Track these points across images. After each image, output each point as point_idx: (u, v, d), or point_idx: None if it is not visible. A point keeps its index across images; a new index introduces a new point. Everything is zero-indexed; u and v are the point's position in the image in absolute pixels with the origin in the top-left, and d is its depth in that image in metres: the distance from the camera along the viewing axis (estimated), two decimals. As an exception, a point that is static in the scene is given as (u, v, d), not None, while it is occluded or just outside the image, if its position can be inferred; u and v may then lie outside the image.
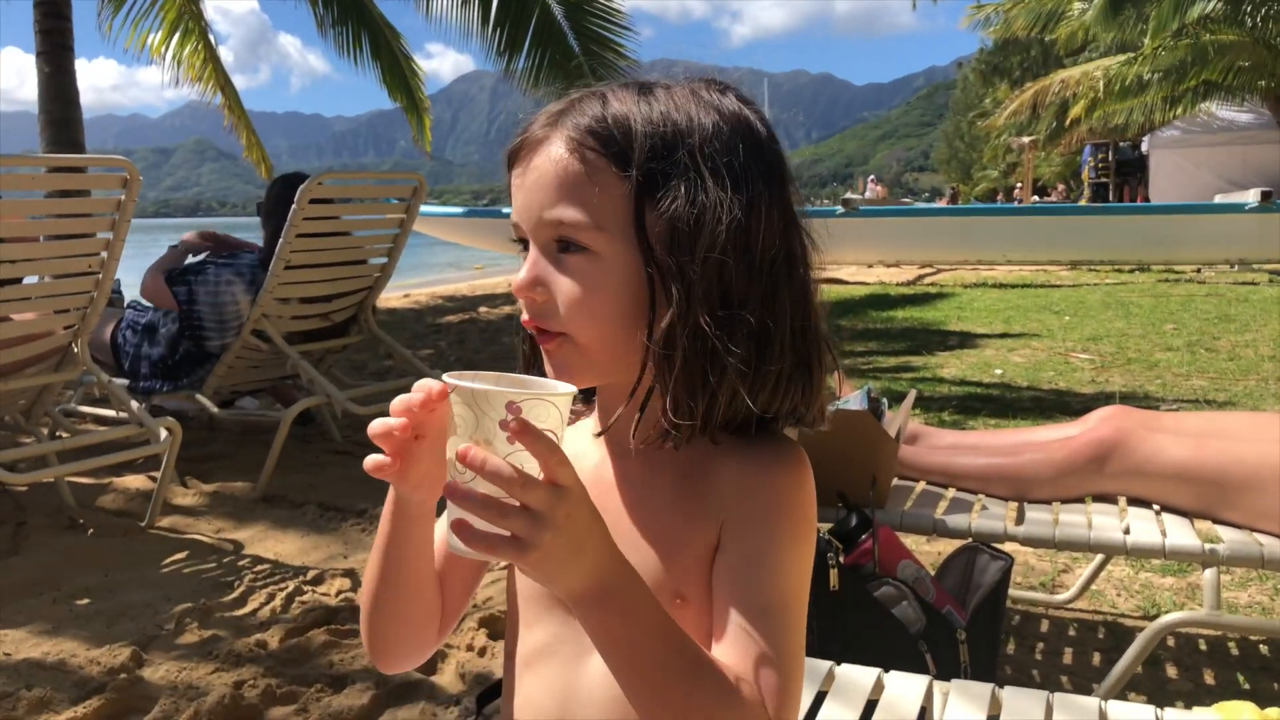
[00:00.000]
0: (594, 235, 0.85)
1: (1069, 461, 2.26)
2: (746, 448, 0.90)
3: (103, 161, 3.36)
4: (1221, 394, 5.20)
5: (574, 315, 0.86)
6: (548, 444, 0.71)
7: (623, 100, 0.88)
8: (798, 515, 0.88)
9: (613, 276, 0.86)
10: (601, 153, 0.85)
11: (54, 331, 3.40)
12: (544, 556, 0.71)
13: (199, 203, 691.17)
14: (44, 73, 7.48)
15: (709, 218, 0.83)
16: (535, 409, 0.72)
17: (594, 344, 0.87)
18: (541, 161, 0.87)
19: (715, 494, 0.89)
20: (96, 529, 3.43)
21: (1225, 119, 17.85)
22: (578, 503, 0.73)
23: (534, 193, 0.87)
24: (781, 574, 0.86)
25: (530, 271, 0.87)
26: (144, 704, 2.21)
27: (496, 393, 0.72)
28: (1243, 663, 2.38)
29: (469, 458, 0.70)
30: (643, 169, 0.84)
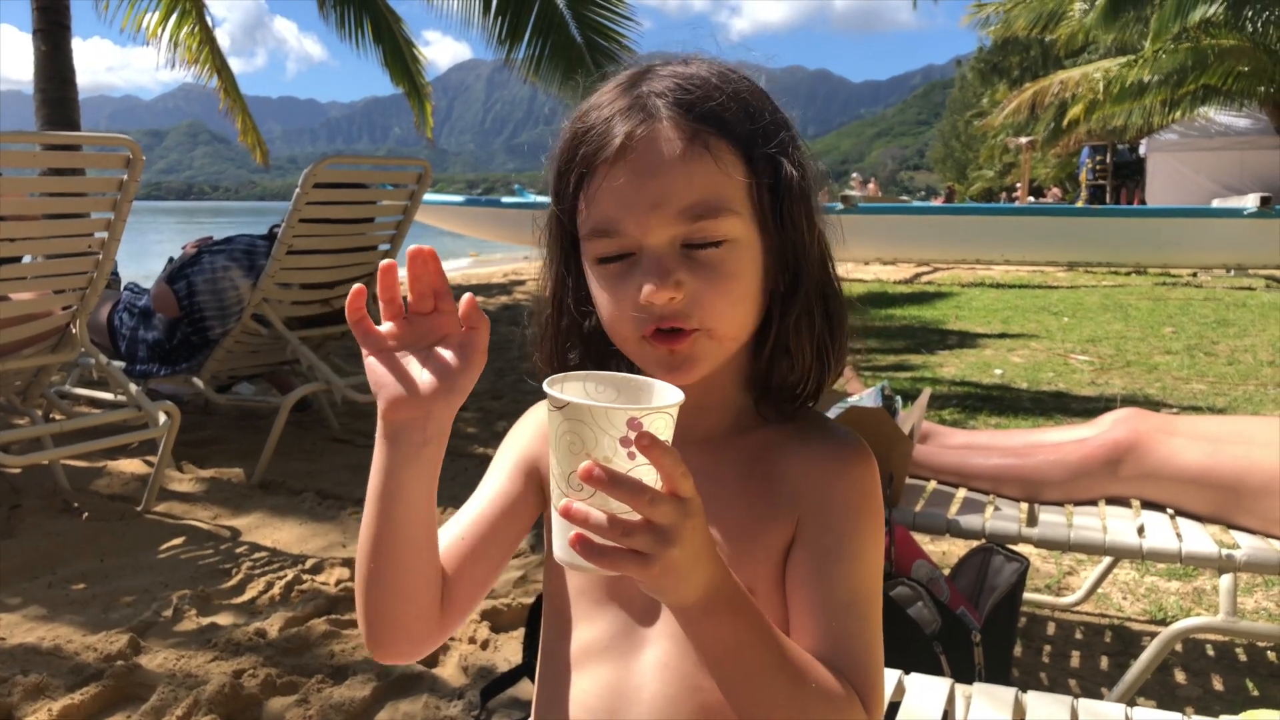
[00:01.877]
0: (730, 222, 0.84)
1: (1083, 463, 2.24)
2: (810, 438, 0.90)
3: (105, 140, 3.31)
4: (1221, 398, 5.20)
5: (714, 307, 0.85)
6: (673, 457, 0.69)
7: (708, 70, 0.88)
8: (874, 506, 0.89)
9: (748, 260, 0.86)
10: (719, 136, 0.85)
11: (52, 312, 3.36)
12: (666, 571, 0.70)
13: (191, 186, 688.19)
14: (40, 51, 7.41)
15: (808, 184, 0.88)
16: (655, 422, 0.70)
17: (731, 331, 0.87)
18: (664, 155, 0.84)
19: (787, 487, 0.88)
20: (92, 513, 3.39)
21: (1223, 124, 17.86)
22: (698, 514, 0.71)
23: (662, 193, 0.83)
24: (862, 565, 0.86)
25: (666, 273, 0.84)
26: (142, 692, 2.18)
27: (618, 410, 0.69)
28: (1251, 669, 2.36)
29: (594, 475, 0.67)
30: (753, 144, 0.86)
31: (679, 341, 0.85)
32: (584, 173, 0.87)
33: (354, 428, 4.60)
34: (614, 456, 0.69)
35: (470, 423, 4.73)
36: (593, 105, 0.88)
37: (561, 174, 0.89)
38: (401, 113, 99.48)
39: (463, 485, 3.69)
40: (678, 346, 0.85)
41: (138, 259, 13.49)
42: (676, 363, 0.86)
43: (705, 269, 0.84)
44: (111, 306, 4.35)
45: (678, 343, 0.85)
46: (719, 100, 0.85)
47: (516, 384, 5.61)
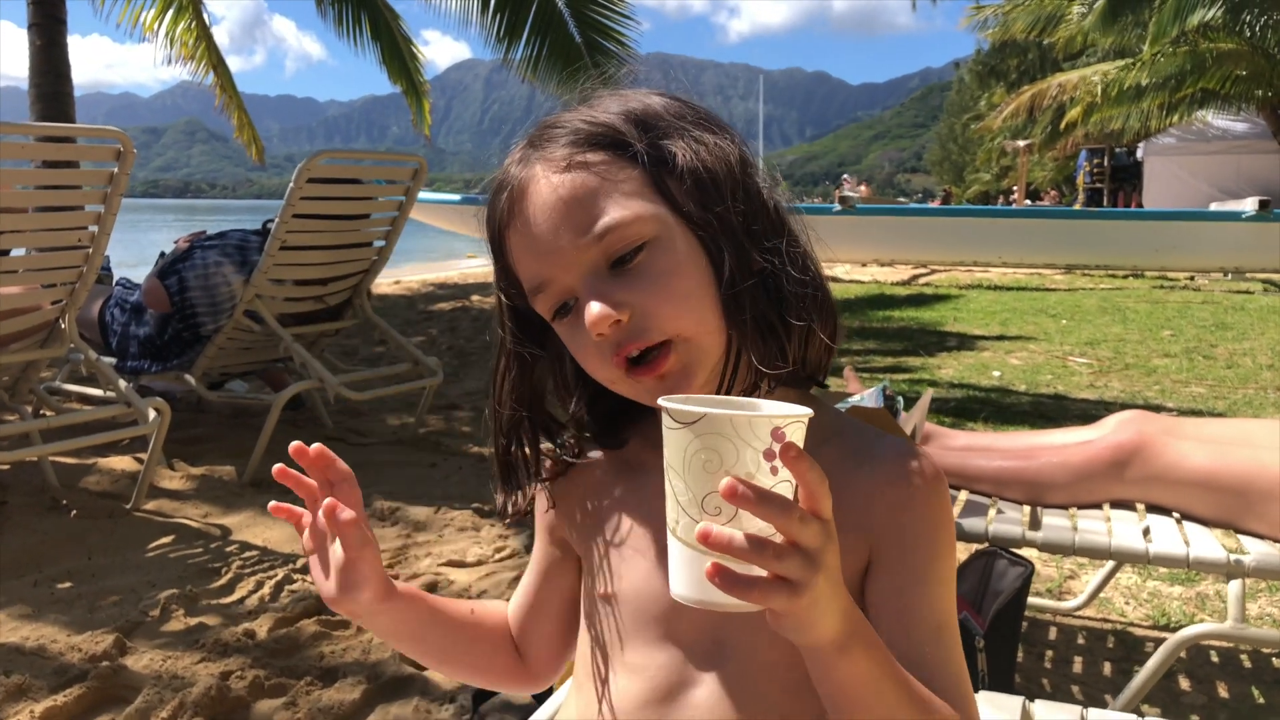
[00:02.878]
0: (640, 222, 0.80)
1: (1088, 466, 2.20)
2: (868, 456, 0.85)
3: (96, 133, 3.27)
4: (1220, 401, 5.16)
5: (667, 310, 0.80)
6: (818, 472, 0.63)
7: (575, 111, 0.86)
8: (948, 526, 0.85)
9: (679, 253, 0.81)
10: (599, 148, 0.82)
11: (41, 306, 3.31)
12: (814, 600, 0.64)
13: (188, 184, 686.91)
14: (35, 45, 7.35)
15: (715, 161, 0.83)
16: (797, 431, 0.64)
17: (698, 327, 0.81)
18: (540, 198, 0.82)
19: (859, 508, 0.83)
20: (80, 510, 3.34)
21: (1221, 128, 17.87)
22: (836, 538, 0.65)
23: (553, 228, 0.81)
24: (945, 589, 0.83)
25: (600, 297, 0.80)
26: (127, 694, 2.13)
27: (761, 419, 0.63)
28: (1256, 676, 2.33)
29: (739, 493, 0.60)
30: (644, 142, 0.82)
31: (661, 364, 0.81)
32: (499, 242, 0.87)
33: (347, 426, 4.56)
34: (756, 472, 0.63)
35: (465, 422, 4.69)
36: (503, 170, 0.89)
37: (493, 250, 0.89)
38: (399, 112, 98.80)
39: (457, 485, 3.67)
40: (662, 369, 0.81)
41: (134, 256, 13.43)
42: (670, 385, 0.81)
43: (639, 278, 0.80)
44: (103, 302, 4.30)
45: (660, 365, 0.81)
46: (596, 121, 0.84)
47: (512, 383, 5.56)
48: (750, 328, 0.81)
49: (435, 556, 2.96)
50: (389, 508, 3.38)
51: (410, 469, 3.90)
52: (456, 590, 2.70)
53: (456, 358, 6.40)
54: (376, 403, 4.81)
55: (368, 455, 4.09)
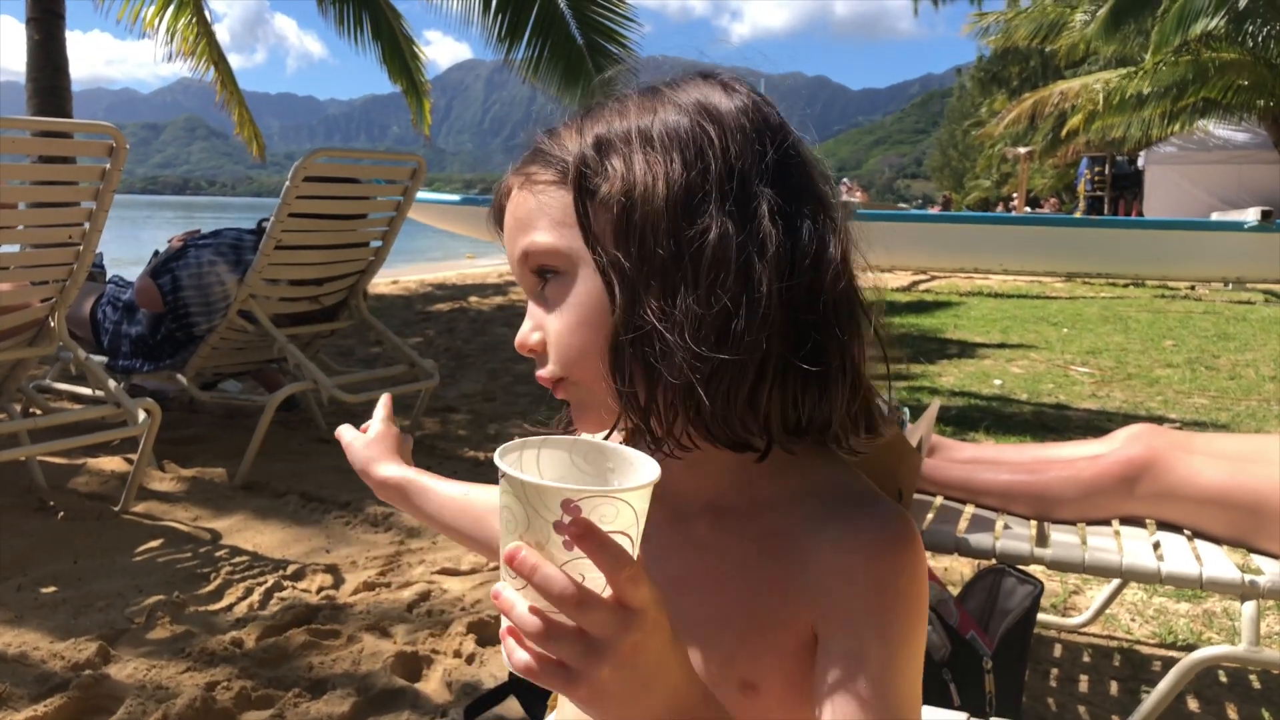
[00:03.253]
0: (556, 253, 0.76)
1: (1097, 481, 2.15)
2: (835, 518, 0.76)
3: (88, 128, 3.21)
4: (1224, 413, 5.12)
5: (557, 348, 0.78)
6: (616, 555, 0.58)
7: (567, 125, 0.81)
8: (910, 604, 0.73)
9: (579, 290, 0.75)
10: (543, 167, 0.78)
11: (30, 304, 3.25)
12: (598, 693, 0.59)
13: (187, 180, 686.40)
14: (34, 40, 7.31)
15: (643, 190, 0.72)
16: (601, 508, 0.58)
17: (584, 372, 0.75)
18: (510, 208, 0.82)
19: (805, 575, 0.74)
20: (67, 512, 3.28)
21: (1222, 137, 17.86)
22: (652, 630, 0.59)
23: (508, 240, 0.82)
24: (896, 673, 0.72)
25: (528, 318, 0.80)
26: (109, 704, 2.08)
27: (551, 489, 0.58)
28: (1266, 698, 2.27)
29: (517, 562, 0.58)
30: (577, 159, 0.75)
31: (557, 390, 0.80)
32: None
33: (342, 428, 4.50)
34: (547, 543, 0.59)
35: (462, 425, 4.63)
36: None
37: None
38: (400, 111, 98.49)
39: (451, 490, 3.60)
40: (558, 395, 0.80)
41: (131, 253, 13.36)
42: (574, 415, 0.81)
43: (549, 304, 0.79)
44: (95, 300, 4.24)
45: (557, 391, 0.80)
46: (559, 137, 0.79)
47: (510, 386, 5.52)
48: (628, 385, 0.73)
49: (429, 564, 2.91)
50: (382, 513, 3.32)
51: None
52: (450, 600, 2.64)
53: (454, 359, 6.35)
54: (371, 405, 4.75)
55: (362, 458, 4.03)
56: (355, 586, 2.74)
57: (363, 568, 2.90)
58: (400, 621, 2.51)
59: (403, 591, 2.70)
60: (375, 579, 2.78)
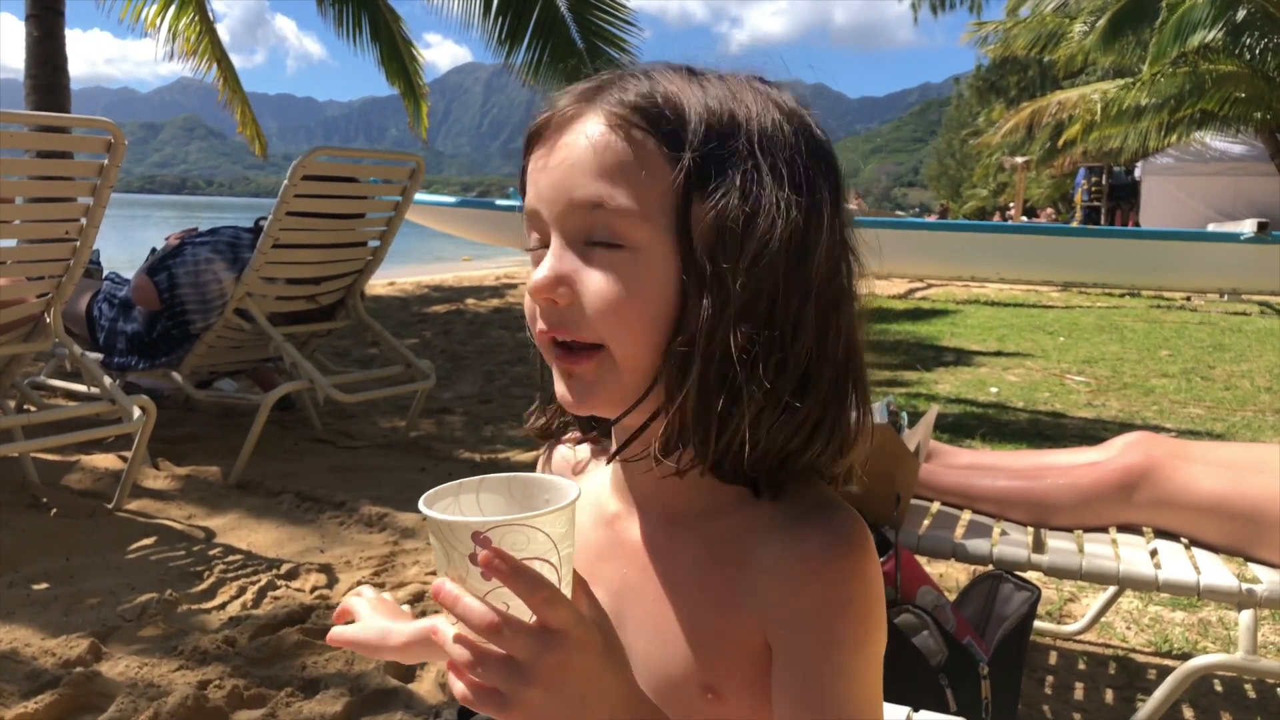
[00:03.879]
0: (637, 225, 0.71)
1: (1095, 488, 2.15)
2: (787, 524, 0.75)
3: (86, 123, 3.20)
4: (1219, 423, 5.12)
5: (606, 321, 0.71)
6: (530, 580, 0.59)
7: (671, 79, 0.74)
8: (858, 611, 0.72)
9: (651, 277, 0.71)
10: (649, 131, 0.72)
11: (26, 299, 3.24)
12: (532, 716, 0.60)
13: (185, 180, 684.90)
14: (33, 37, 7.30)
15: (763, 219, 0.70)
16: (510, 536, 0.60)
17: (629, 358, 0.72)
18: (574, 139, 0.73)
19: (752, 582, 0.74)
20: (60, 509, 3.27)
21: (1218, 149, 17.90)
22: (576, 648, 0.61)
23: (564, 173, 0.73)
24: (848, 681, 0.71)
25: (553, 266, 0.72)
26: (100, 701, 2.07)
27: (460, 524, 0.60)
28: (1262, 707, 2.27)
29: (440, 596, 0.60)
30: (697, 152, 0.71)
31: (577, 362, 0.73)
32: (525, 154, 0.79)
33: (337, 429, 4.49)
34: (467, 575, 0.61)
35: (457, 427, 4.62)
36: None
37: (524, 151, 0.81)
38: (398, 114, 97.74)
39: (447, 491, 3.59)
40: (575, 368, 0.74)
41: (127, 253, 13.34)
42: (574, 389, 0.75)
43: (601, 272, 0.72)
44: (91, 296, 4.23)
45: (576, 363, 0.73)
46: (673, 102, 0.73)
47: (506, 388, 5.51)
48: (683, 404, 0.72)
49: (423, 565, 2.90)
50: (377, 513, 3.31)
51: (400, 473, 3.83)
52: (444, 600, 2.63)
53: (450, 361, 6.34)
54: (367, 405, 4.74)
55: (357, 459, 4.02)
56: (349, 586, 2.73)
57: (357, 568, 2.88)
58: (394, 622, 2.49)
59: (397, 592, 2.69)
60: (369, 579, 2.77)
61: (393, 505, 3.39)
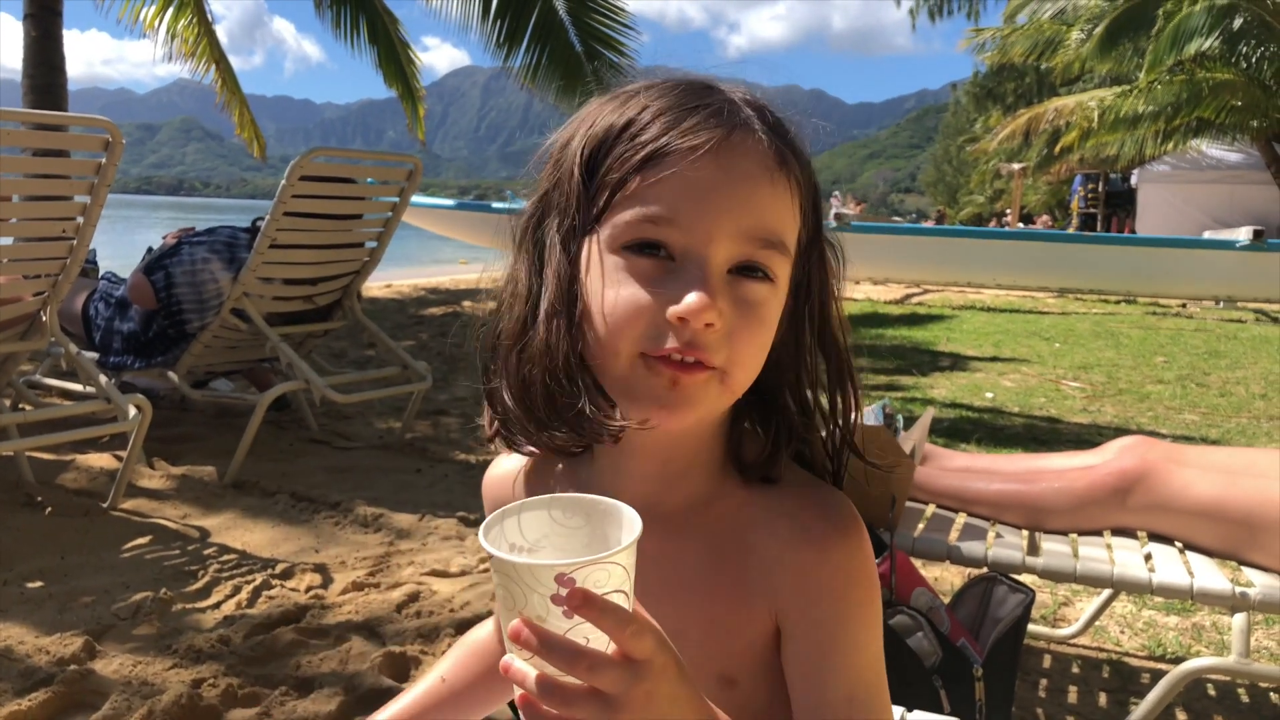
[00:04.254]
0: (786, 265, 0.77)
1: (1090, 492, 2.15)
2: (784, 512, 0.79)
3: (83, 121, 3.20)
4: (1214, 430, 5.13)
5: (743, 351, 0.74)
6: (617, 616, 0.60)
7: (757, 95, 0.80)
8: (862, 590, 0.78)
9: (778, 311, 0.78)
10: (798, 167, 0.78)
11: (22, 298, 3.23)
12: None
13: (182, 181, 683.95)
14: (30, 36, 7.29)
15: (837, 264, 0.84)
16: (594, 575, 0.60)
17: (744, 381, 0.76)
18: (754, 167, 0.74)
19: (761, 575, 0.78)
20: (55, 508, 3.26)
21: (1215, 157, 17.96)
22: (660, 675, 0.62)
23: (745, 207, 0.73)
24: (857, 655, 0.77)
25: (714, 292, 0.71)
26: (94, 699, 2.06)
27: (542, 567, 0.60)
28: (1255, 711, 2.28)
29: (521, 639, 0.60)
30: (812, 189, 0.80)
31: (691, 373, 0.72)
32: (653, 153, 0.73)
33: (333, 429, 4.49)
34: (548, 615, 0.60)
35: (453, 428, 4.62)
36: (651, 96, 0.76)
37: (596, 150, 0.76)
38: (396, 116, 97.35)
39: (443, 493, 3.60)
40: (686, 378, 0.73)
41: (123, 257, 13.32)
42: (674, 400, 0.73)
43: (746, 304, 0.73)
44: (87, 295, 4.23)
45: (687, 374, 0.72)
46: (795, 134, 0.79)
47: (501, 390, 5.50)
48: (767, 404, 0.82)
49: (418, 565, 2.89)
50: (372, 514, 3.31)
51: (395, 475, 3.83)
52: (439, 601, 2.63)
53: (446, 363, 6.33)
54: (363, 406, 4.74)
55: (352, 459, 4.02)
56: (344, 586, 2.73)
57: (352, 568, 2.88)
58: (388, 622, 2.49)
59: (391, 592, 2.68)
60: (364, 579, 2.77)
61: (388, 506, 3.39)
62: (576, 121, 0.80)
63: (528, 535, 0.68)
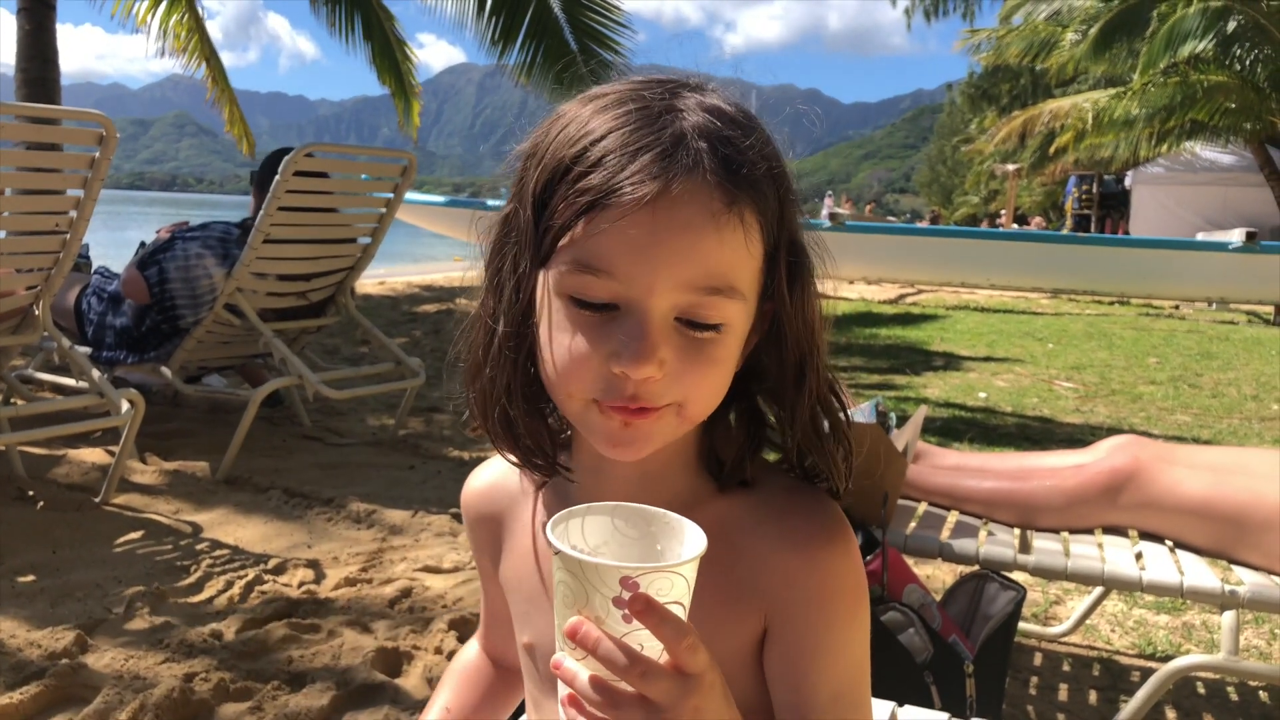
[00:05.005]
0: (738, 308, 0.74)
1: (1081, 490, 2.16)
2: (770, 515, 0.80)
3: (78, 115, 3.20)
4: (1206, 430, 5.15)
5: (692, 391, 0.73)
6: (675, 626, 0.61)
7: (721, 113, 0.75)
8: (849, 593, 0.78)
9: (734, 349, 0.76)
10: (752, 206, 0.73)
11: (15, 292, 3.23)
12: None
13: (175, 177, 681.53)
14: (24, 30, 7.27)
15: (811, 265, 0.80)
16: (657, 582, 0.61)
17: (700, 413, 0.76)
18: (697, 215, 0.70)
19: (748, 579, 0.78)
20: (47, 502, 3.25)
21: (1208, 159, 17.97)
22: (709, 693, 0.63)
23: (683, 251, 0.70)
24: (843, 655, 0.78)
25: (656, 349, 0.70)
26: (85, 693, 2.06)
27: (609, 568, 0.61)
28: (1244, 709, 2.28)
29: (580, 636, 0.61)
30: (779, 219, 0.76)
31: (641, 416, 0.73)
32: (595, 201, 0.71)
33: (326, 425, 4.48)
34: (606, 617, 0.61)
35: (446, 426, 4.62)
36: (606, 121, 0.73)
37: (549, 182, 0.74)
38: (391, 113, 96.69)
39: (435, 489, 3.60)
40: (637, 421, 0.73)
41: (116, 248, 13.28)
42: (628, 438, 0.73)
43: (693, 351, 0.72)
44: (80, 290, 4.22)
45: (639, 417, 0.73)
46: (752, 159, 0.73)
47: (495, 388, 5.50)
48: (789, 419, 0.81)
49: (411, 561, 2.90)
50: (365, 510, 3.31)
51: (388, 471, 3.83)
52: (432, 597, 2.63)
53: (439, 360, 6.32)
54: (356, 403, 4.74)
55: (345, 455, 4.02)
56: (336, 582, 2.73)
57: (344, 563, 2.88)
58: (381, 617, 2.49)
59: (384, 588, 2.68)
60: (357, 575, 2.77)
61: (380, 502, 3.39)
62: (540, 132, 0.79)
63: (590, 539, 0.69)
